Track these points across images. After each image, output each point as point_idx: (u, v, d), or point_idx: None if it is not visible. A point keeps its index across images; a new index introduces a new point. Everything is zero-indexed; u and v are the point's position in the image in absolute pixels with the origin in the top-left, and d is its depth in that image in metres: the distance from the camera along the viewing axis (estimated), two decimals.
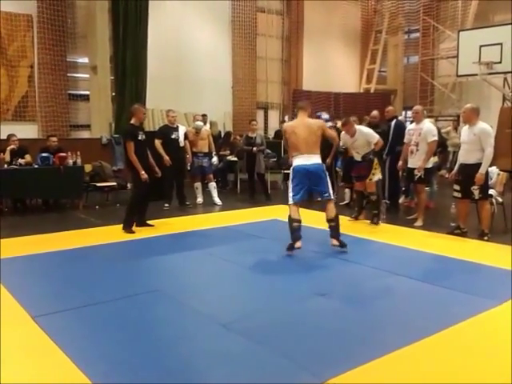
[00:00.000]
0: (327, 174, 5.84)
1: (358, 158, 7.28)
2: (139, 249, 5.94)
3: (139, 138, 6.70)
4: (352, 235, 6.53)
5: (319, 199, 6.15)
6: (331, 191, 5.78)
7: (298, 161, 5.68)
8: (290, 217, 5.67)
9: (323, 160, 6.31)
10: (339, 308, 4.02)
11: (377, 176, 7.15)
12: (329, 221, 5.72)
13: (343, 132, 7.34)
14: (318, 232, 6.82)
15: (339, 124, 8.76)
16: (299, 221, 5.60)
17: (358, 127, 7.28)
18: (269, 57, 15.26)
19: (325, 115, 7.19)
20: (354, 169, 7.45)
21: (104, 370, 2.94)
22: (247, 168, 9.75)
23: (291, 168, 5.80)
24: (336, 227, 5.70)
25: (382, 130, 8.49)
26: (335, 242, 5.68)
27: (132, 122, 6.84)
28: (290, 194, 5.72)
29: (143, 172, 6.63)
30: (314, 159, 5.66)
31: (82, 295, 4.25)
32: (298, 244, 5.56)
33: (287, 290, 4.45)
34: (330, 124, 7.33)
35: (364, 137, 7.10)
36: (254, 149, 9.41)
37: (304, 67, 15.79)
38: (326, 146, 8.46)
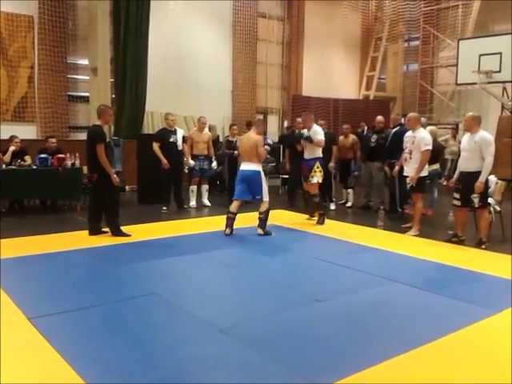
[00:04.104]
0: (263, 178, 6.93)
1: (306, 156, 7.80)
2: (136, 252, 5.91)
3: (107, 140, 6.49)
4: (350, 241, 6.54)
5: (257, 197, 6.98)
6: (265, 195, 6.88)
7: (241, 167, 7.11)
8: (228, 209, 7.01)
9: (326, 164, 8.21)
10: (336, 314, 4.00)
11: (316, 178, 7.54)
12: (259, 213, 6.92)
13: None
14: (318, 239, 6.84)
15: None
16: (234, 213, 6.88)
17: (315, 126, 7.81)
18: (269, 62, 15.29)
19: (268, 140, 7.54)
20: (301, 167, 7.99)
21: (99, 373, 2.92)
22: (228, 172, 9.86)
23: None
24: (263, 219, 6.90)
25: (385, 135, 8.56)
26: (260, 230, 6.86)
27: (98, 123, 6.49)
28: (235, 192, 7.07)
29: (115, 176, 6.37)
30: (252, 166, 6.86)
31: (78, 297, 4.23)
32: (226, 230, 6.82)
33: (284, 295, 4.44)
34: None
35: (313, 134, 7.61)
36: (235, 152, 9.48)
37: (304, 73, 15.81)
38: (327, 153, 8.58)
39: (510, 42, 12.47)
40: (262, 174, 7.00)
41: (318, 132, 7.67)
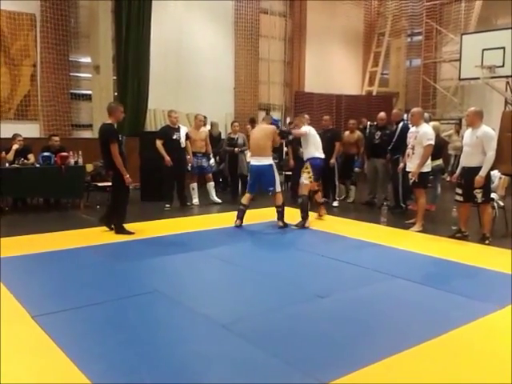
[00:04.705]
0: (275, 170, 7.06)
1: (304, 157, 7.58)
2: (139, 249, 5.93)
3: (120, 138, 6.47)
4: (353, 238, 6.54)
5: (270, 189, 7.10)
6: (278, 186, 7.11)
7: (252, 161, 7.13)
8: (240, 201, 7.27)
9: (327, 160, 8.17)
10: (338, 311, 4.01)
11: (301, 178, 7.34)
12: (276, 207, 7.11)
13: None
14: (321, 235, 6.84)
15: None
16: (245, 206, 7.09)
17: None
18: (271, 58, 15.25)
19: (275, 117, 7.51)
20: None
21: (103, 370, 2.93)
22: (229, 169, 9.85)
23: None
24: (281, 212, 7.09)
25: (389, 132, 8.53)
26: (280, 223, 7.05)
27: (110, 121, 6.47)
28: (248, 185, 7.31)
29: (128, 176, 6.38)
30: (264, 161, 6.94)
31: (81, 295, 4.24)
32: (237, 222, 7.05)
33: (287, 291, 4.44)
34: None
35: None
36: (236, 149, 9.50)
37: (306, 69, 15.78)
38: (330, 150, 8.57)
39: None
40: (274, 166, 7.08)
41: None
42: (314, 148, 7.40)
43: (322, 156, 7.54)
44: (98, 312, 3.87)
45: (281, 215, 7.09)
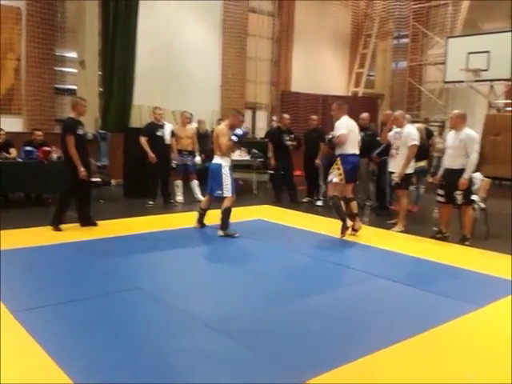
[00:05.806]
0: (224, 172, 6.40)
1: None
2: (120, 246, 5.88)
3: (79, 132, 6.49)
4: (335, 237, 6.56)
5: (218, 192, 6.51)
6: (226, 189, 6.39)
7: None
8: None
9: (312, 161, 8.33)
10: (322, 309, 4.03)
11: (331, 176, 6.55)
12: (221, 212, 6.47)
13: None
14: (304, 234, 6.86)
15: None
16: (203, 209, 6.78)
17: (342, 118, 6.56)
18: (258, 57, 15.26)
19: (238, 131, 6.45)
20: None
21: (84, 368, 2.91)
22: None
23: None
24: (222, 219, 6.43)
25: (371, 132, 8.58)
26: (220, 232, 6.43)
27: (71, 115, 6.62)
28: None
29: (83, 169, 6.34)
30: (214, 159, 6.53)
31: (62, 291, 4.21)
32: (196, 225, 6.79)
33: (271, 290, 4.45)
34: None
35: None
36: None
37: (293, 69, 15.82)
38: (315, 148, 8.60)
39: (498, 40, 12.57)
40: (225, 167, 6.46)
41: (336, 127, 6.53)
42: (348, 142, 6.45)
43: (357, 152, 6.62)
44: (79, 309, 3.84)
45: (222, 223, 6.45)
